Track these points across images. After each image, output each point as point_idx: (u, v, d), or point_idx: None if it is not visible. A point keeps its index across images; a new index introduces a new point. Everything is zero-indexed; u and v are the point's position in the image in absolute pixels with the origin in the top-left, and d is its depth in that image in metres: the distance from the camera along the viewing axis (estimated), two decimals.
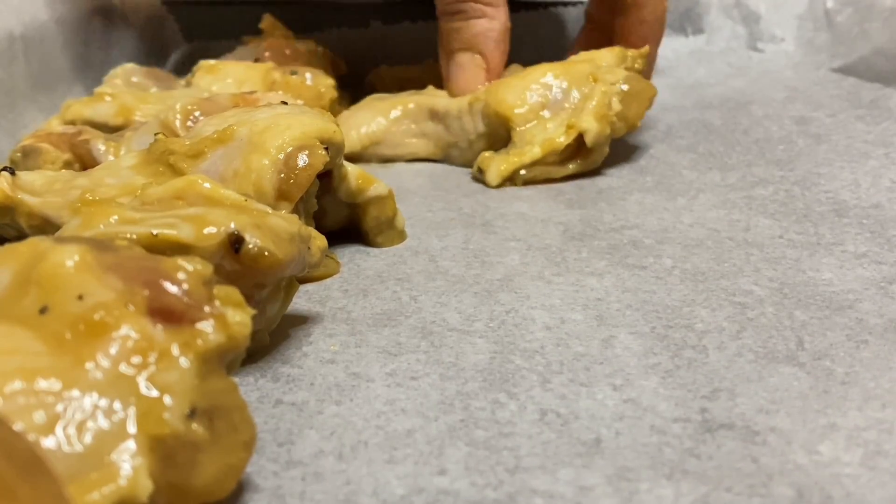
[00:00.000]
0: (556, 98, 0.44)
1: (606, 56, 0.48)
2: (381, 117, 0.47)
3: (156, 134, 0.34)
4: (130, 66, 0.56)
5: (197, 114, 0.39)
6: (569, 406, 0.24)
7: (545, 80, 0.44)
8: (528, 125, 0.44)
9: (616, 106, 0.43)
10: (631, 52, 0.48)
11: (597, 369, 0.26)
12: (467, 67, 0.47)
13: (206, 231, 0.26)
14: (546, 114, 0.44)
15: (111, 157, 0.38)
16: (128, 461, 0.18)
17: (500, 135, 0.45)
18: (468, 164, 0.46)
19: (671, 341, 0.28)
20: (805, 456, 0.22)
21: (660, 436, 0.23)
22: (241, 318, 0.21)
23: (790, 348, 0.27)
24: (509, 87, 0.44)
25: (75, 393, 0.18)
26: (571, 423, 0.24)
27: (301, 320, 0.30)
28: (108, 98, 0.45)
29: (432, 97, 0.47)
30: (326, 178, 0.35)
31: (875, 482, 0.21)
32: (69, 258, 0.20)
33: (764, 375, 0.26)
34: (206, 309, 0.20)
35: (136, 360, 0.19)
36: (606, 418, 0.24)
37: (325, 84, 0.48)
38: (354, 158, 0.46)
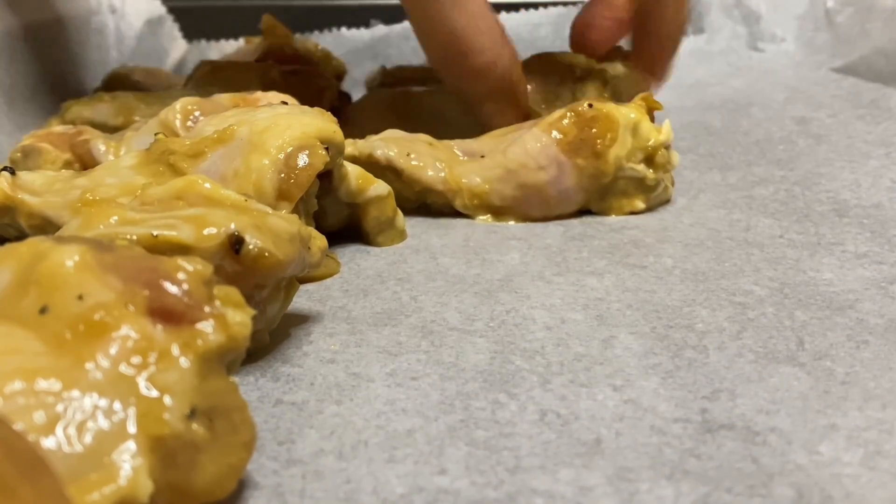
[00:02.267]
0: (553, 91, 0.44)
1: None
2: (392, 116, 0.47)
3: (156, 134, 0.34)
4: (130, 66, 0.56)
5: (197, 114, 0.39)
6: (569, 406, 0.24)
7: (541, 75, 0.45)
8: None
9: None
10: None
11: (597, 370, 0.26)
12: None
13: (206, 232, 0.26)
14: (542, 107, 0.44)
15: (111, 157, 0.38)
16: (128, 461, 0.18)
17: None
18: None
19: (671, 341, 0.28)
20: (805, 456, 0.22)
21: (660, 436, 0.23)
22: (241, 319, 0.21)
23: (790, 348, 0.27)
24: None
25: (75, 393, 0.18)
26: (571, 424, 0.24)
27: (301, 320, 0.30)
28: (108, 98, 0.45)
29: (435, 97, 0.47)
30: (326, 178, 0.35)
31: (875, 482, 0.21)
32: (69, 258, 0.20)
33: (764, 376, 0.26)
34: (207, 309, 0.20)
35: (136, 360, 0.19)
36: (606, 419, 0.24)
37: (326, 84, 0.48)
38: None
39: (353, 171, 0.36)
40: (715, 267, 0.33)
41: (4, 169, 0.34)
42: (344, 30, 0.68)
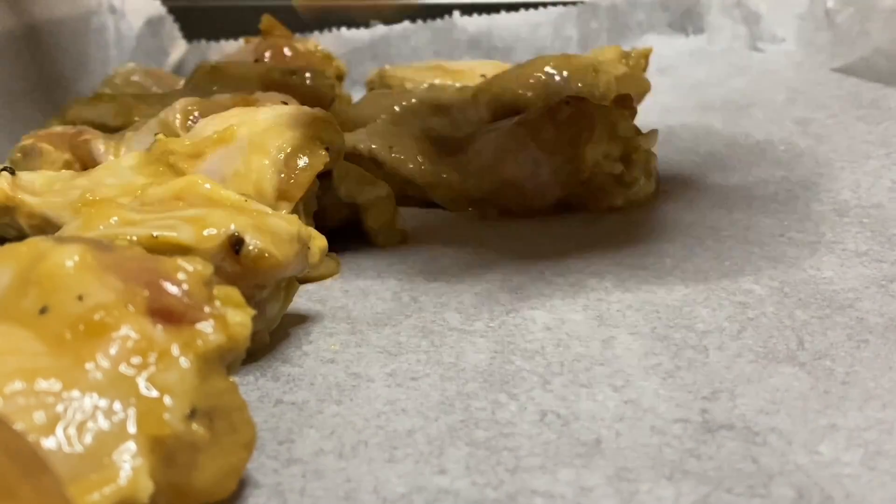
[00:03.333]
0: (558, 86, 0.44)
1: (607, 52, 0.48)
2: (384, 114, 0.47)
3: (156, 134, 0.34)
4: (130, 65, 0.56)
5: (197, 114, 0.39)
6: (569, 407, 0.24)
7: (546, 69, 0.45)
8: None
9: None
10: (634, 52, 0.49)
11: (597, 370, 0.26)
12: None
13: (206, 233, 0.26)
14: None
15: (111, 157, 0.38)
16: (128, 462, 0.18)
17: None
18: None
19: (671, 342, 0.28)
20: (805, 456, 0.22)
21: (660, 436, 0.23)
22: (241, 319, 0.21)
23: (790, 348, 0.27)
24: (511, 76, 0.45)
25: (75, 393, 0.18)
26: (572, 424, 0.24)
27: (301, 320, 0.30)
28: (108, 98, 0.45)
29: (435, 91, 0.47)
30: (326, 178, 0.35)
31: (875, 482, 0.21)
32: (69, 258, 0.20)
33: (764, 376, 0.26)
34: (207, 309, 0.20)
35: (136, 360, 0.19)
36: (607, 419, 0.24)
37: (325, 84, 0.48)
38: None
39: (353, 171, 0.36)
40: (715, 266, 0.33)
41: (4, 169, 0.34)
42: (344, 30, 0.68)
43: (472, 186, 0.39)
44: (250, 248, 0.26)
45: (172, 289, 0.20)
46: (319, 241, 0.29)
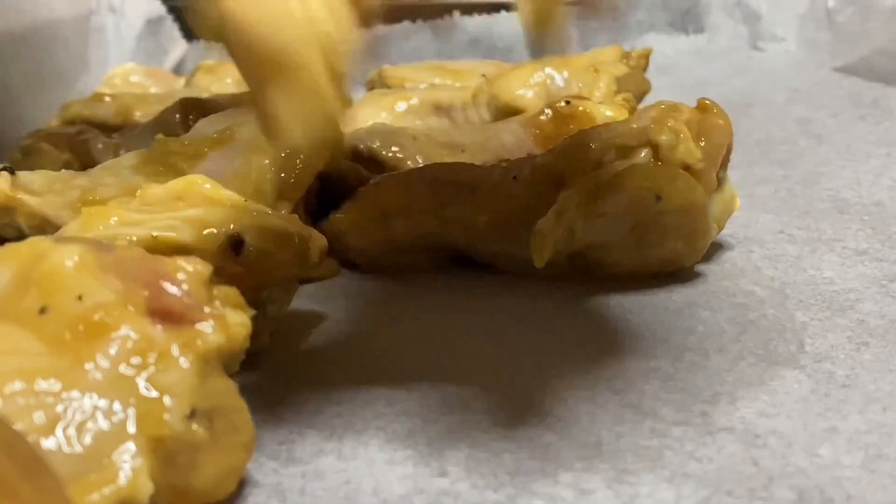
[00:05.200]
0: (558, 86, 0.44)
1: (607, 52, 0.48)
2: (384, 113, 0.47)
3: (156, 134, 0.34)
4: (130, 65, 0.56)
5: (197, 113, 0.39)
6: (570, 409, 0.24)
7: (546, 70, 0.44)
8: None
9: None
10: (634, 52, 0.48)
11: (597, 373, 0.26)
12: None
13: (205, 233, 0.25)
14: None
15: (111, 157, 0.38)
16: (128, 462, 0.18)
17: None
18: None
19: (672, 344, 0.28)
20: (806, 459, 0.22)
21: (660, 439, 0.23)
22: (240, 319, 0.21)
23: (791, 351, 0.27)
24: (511, 77, 0.45)
25: (75, 394, 0.18)
26: (572, 427, 0.24)
27: (301, 320, 0.30)
28: (108, 98, 0.45)
29: (435, 91, 0.47)
30: (326, 178, 0.35)
31: (876, 485, 0.21)
32: (69, 258, 0.20)
33: (765, 379, 0.26)
34: (206, 309, 0.20)
35: (135, 360, 0.19)
36: (607, 422, 0.24)
37: None
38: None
39: (352, 171, 0.36)
40: (715, 268, 0.33)
41: (4, 169, 0.33)
42: None
43: None
44: (250, 248, 0.26)
45: (172, 289, 0.20)
46: (319, 241, 0.29)
